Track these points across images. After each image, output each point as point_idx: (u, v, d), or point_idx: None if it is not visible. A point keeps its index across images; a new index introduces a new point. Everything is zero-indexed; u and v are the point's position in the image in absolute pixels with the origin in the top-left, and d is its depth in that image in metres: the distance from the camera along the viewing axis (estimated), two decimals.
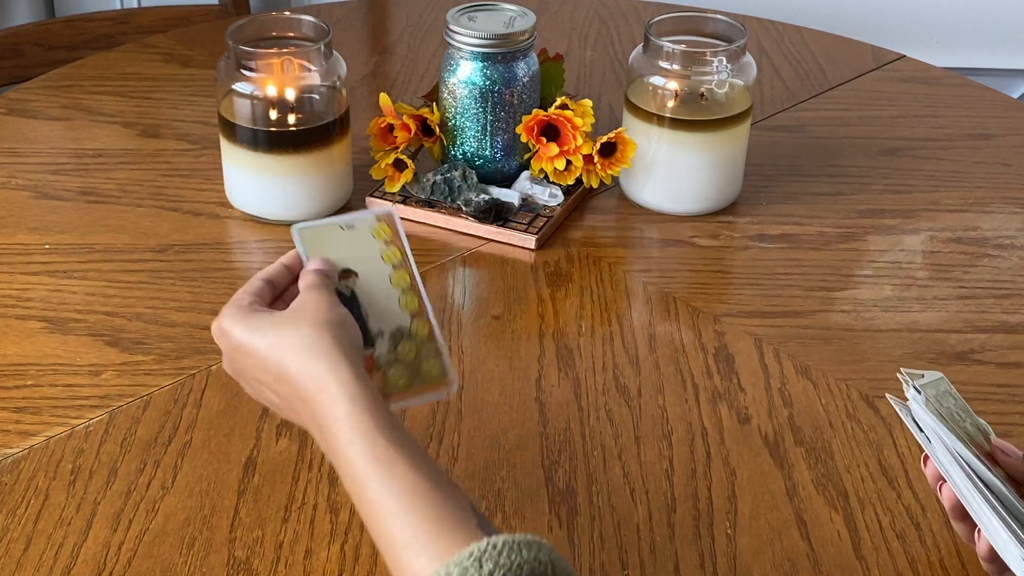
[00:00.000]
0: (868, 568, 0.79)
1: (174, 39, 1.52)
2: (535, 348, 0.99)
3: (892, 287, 1.08)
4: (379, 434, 0.66)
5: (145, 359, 0.96)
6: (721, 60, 1.12)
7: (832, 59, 1.51)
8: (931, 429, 0.74)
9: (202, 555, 0.78)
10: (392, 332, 0.77)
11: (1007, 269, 1.10)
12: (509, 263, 1.10)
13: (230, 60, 1.09)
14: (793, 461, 0.87)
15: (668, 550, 0.80)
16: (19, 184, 1.20)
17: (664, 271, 1.10)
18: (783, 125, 1.35)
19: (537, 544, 0.61)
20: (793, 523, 0.82)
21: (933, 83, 1.46)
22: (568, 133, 1.12)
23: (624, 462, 0.87)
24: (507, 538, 0.60)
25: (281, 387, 0.71)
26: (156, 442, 0.88)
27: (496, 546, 0.59)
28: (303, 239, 0.78)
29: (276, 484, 0.84)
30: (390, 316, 0.77)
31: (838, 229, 1.16)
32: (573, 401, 0.93)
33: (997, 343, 1.00)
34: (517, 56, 1.13)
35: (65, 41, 1.67)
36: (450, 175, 1.13)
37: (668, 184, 1.16)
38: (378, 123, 1.15)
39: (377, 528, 0.64)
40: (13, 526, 0.80)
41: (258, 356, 0.71)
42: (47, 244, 1.10)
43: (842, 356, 0.99)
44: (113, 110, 1.34)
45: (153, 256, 1.09)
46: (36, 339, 0.98)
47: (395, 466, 0.64)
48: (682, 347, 0.99)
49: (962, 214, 1.19)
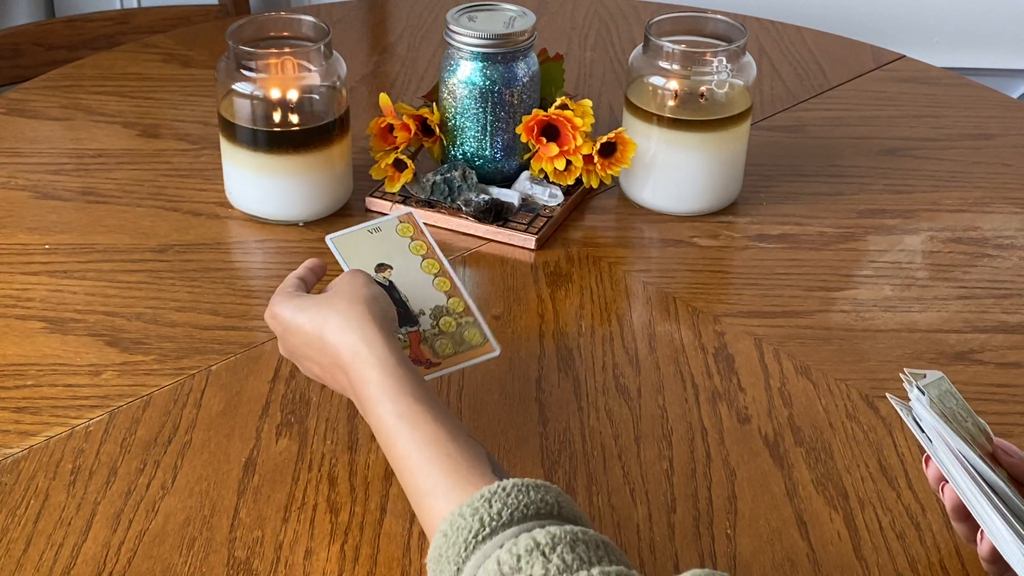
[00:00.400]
0: (868, 568, 0.79)
1: (174, 39, 1.53)
2: (535, 348, 0.99)
3: (892, 287, 1.08)
4: (405, 394, 0.73)
5: (145, 359, 0.96)
6: (721, 60, 1.12)
7: (832, 59, 1.51)
8: (933, 429, 0.74)
9: (202, 555, 0.78)
10: (432, 310, 0.87)
11: (1007, 269, 1.10)
12: (509, 263, 1.10)
13: (230, 60, 1.09)
14: (793, 461, 0.87)
15: (668, 550, 0.80)
16: (19, 184, 1.20)
17: (664, 271, 1.10)
18: (783, 125, 1.35)
19: (544, 487, 0.66)
20: (793, 523, 0.82)
21: (933, 83, 1.46)
22: (568, 133, 1.12)
23: (624, 462, 0.87)
24: (517, 481, 0.66)
25: (323, 358, 0.78)
26: (156, 442, 0.88)
27: (505, 488, 0.65)
28: (336, 245, 0.89)
29: (276, 484, 0.84)
30: (428, 297, 0.88)
31: (838, 229, 1.16)
32: (573, 401, 0.93)
33: (997, 343, 1.00)
34: (517, 56, 1.13)
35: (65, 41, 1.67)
36: (450, 175, 1.13)
37: (668, 184, 1.16)
38: (378, 123, 1.15)
39: (405, 479, 0.71)
40: (13, 526, 0.80)
41: (302, 332, 0.79)
42: (47, 244, 1.10)
43: (842, 356, 0.99)
44: (113, 110, 1.34)
45: (153, 256, 1.09)
46: (36, 339, 0.98)
47: (418, 421, 0.71)
48: (682, 347, 0.99)
49: (962, 214, 1.19)
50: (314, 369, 0.81)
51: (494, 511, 0.64)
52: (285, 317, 0.81)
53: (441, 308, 0.88)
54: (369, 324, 0.76)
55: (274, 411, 0.91)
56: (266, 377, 0.94)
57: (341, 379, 0.78)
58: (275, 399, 0.92)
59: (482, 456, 0.70)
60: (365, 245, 0.90)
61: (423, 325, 0.87)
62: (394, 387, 0.73)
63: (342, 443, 0.88)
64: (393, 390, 0.73)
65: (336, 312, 0.78)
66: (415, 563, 0.78)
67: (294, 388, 0.93)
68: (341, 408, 0.91)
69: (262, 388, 0.93)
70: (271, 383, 0.94)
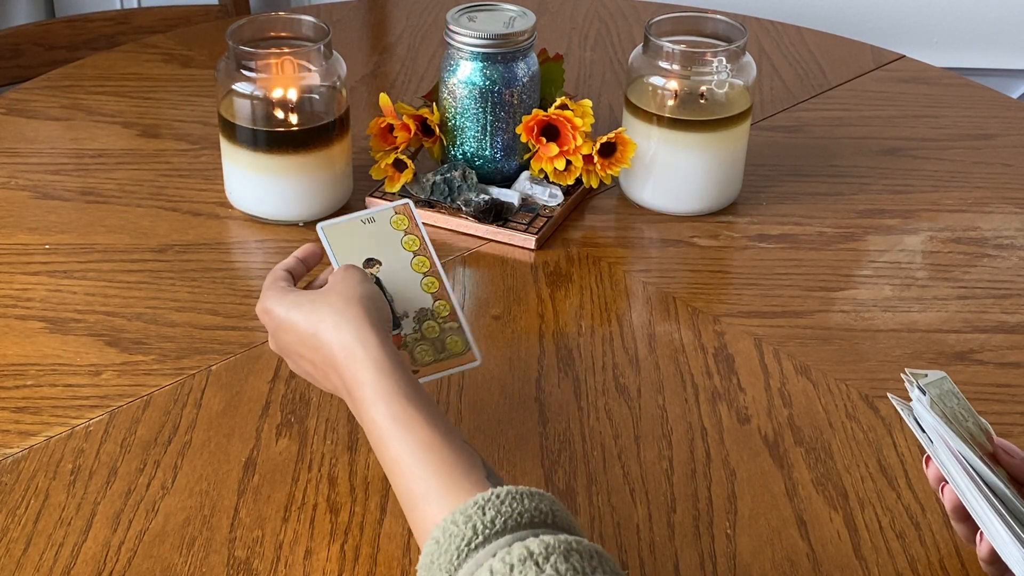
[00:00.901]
0: (868, 568, 0.79)
1: (174, 39, 1.53)
2: (535, 348, 0.99)
3: (892, 287, 1.08)
4: (400, 396, 0.72)
5: (145, 359, 0.96)
6: (721, 60, 1.12)
7: (832, 59, 1.51)
8: (934, 430, 0.74)
9: (202, 555, 0.78)
10: (416, 313, 0.85)
11: (1007, 269, 1.10)
12: (509, 263, 1.10)
13: (230, 60, 1.09)
14: (793, 461, 0.87)
15: (668, 550, 0.80)
16: (19, 184, 1.20)
17: (664, 271, 1.10)
18: (783, 125, 1.35)
19: (539, 495, 0.65)
20: (793, 523, 0.82)
21: (933, 83, 1.46)
22: (568, 133, 1.12)
23: (624, 462, 0.87)
24: (511, 488, 0.65)
25: (316, 356, 0.77)
26: (156, 442, 0.88)
27: (499, 495, 0.64)
28: (327, 236, 0.86)
29: (276, 484, 0.84)
30: (414, 298, 0.85)
31: (838, 229, 1.16)
32: (573, 401, 0.93)
33: (997, 343, 1.00)
34: (517, 56, 1.13)
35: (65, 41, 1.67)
36: (450, 175, 1.13)
37: (668, 184, 1.16)
38: (378, 123, 1.15)
39: (397, 483, 0.70)
40: (13, 526, 0.80)
41: (295, 329, 0.78)
42: (47, 244, 1.10)
43: (842, 356, 0.99)
44: (113, 110, 1.34)
45: (153, 256, 1.09)
46: (36, 339, 0.98)
47: (412, 425, 0.70)
48: (682, 347, 0.99)
49: (962, 214, 1.19)
50: (306, 367, 0.80)
51: (487, 518, 0.63)
52: (278, 313, 0.80)
53: (426, 311, 0.85)
54: (364, 324, 0.75)
55: (274, 411, 0.91)
56: (266, 377, 0.94)
57: (334, 378, 0.77)
58: (275, 399, 0.92)
59: (476, 462, 0.69)
60: (356, 237, 0.87)
61: (405, 329, 0.84)
62: (388, 389, 0.72)
63: (342, 443, 0.88)
64: (387, 392, 0.72)
65: (331, 310, 0.77)
66: (415, 563, 0.78)
67: (294, 388, 0.93)
68: (341, 408, 0.91)
69: (262, 388, 0.93)
70: (271, 383, 0.94)
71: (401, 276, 0.86)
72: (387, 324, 0.78)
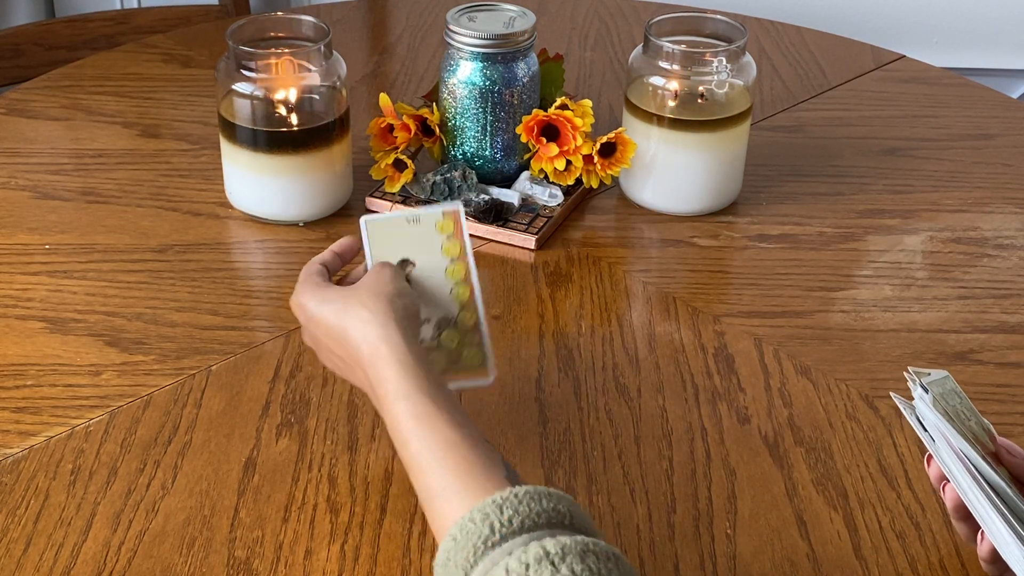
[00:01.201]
0: (868, 568, 0.79)
1: (174, 39, 1.53)
2: (535, 348, 0.99)
3: (892, 287, 1.08)
4: (422, 394, 0.72)
5: (145, 359, 0.96)
6: (721, 60, 1.12)
7: (832, 59, 1.51)
8: (936, 428, 0.74)
9: (202, 555, 0.78)
10: (439, 320, 0.84)
11: (1007, 269, 1.10)
12: (509, 263, 1.10)
13: (230, 60, 1.09)
14: (793, 461, 0.87)
15: (668, 550, 0.80)
16: (19, 184, 1.20)
17: (664, 271, 1.10)
18: (783, 125, 1.35)
19: (558, 495, 0.65)
20: (793, 523, 0.82)
21: (933, 83, 1.46)
22: (568, 133, 1.12)
23: (624, 462, 0.87)
24: (530, 488, 0.65)
25: (344, 351, 0.78)
26: (156, 442, 0.88)
27: (518, 495, 0.65)
28: (368, 231, 0.85)
29: (276, 484, 0.84)
30: (440, 304, 0.84)
31: (837, 229, 1.16)
32: (573, 401, 0.93)
33: (997, 343, 1.00)
34: (517, 56, 1.13)
35: (65, 41, 1.67)
36: (450, 175, 1.13)
37: (668, 184, 1.16)
38: (378, 123, 1.15)
39: (417, 480, 0.70)
40: (13, 526, 0.80)
41: (325, 324, 0.79)
42: (47, 244, 1.10)
43: (842, 356, 0.99)
44: (113, 110, 1.34)
45: (153, 256, 1.09)
46: (36, 339, 0.98)
47: (434, 423, 0.71)
48: (682, 347, 0.99)
49: (962, 214, 1.19)
50: (336, 361, 0.81)
51: (505, 517, 0.63)
52: (310, 308, 0.81)
53: (449, 320, 0.84)
54: (391, 321, 0.76)
55: (274, 411, 0.91)
56: (266, 377, 0.94)
57: (359, 374, 0.77)
58: (275, 399, 0.92)
59: (496, 461, 0.69)
60: (397, 235, 0.86)
61: (423, 334, 0.83)
62: (412, 387, 0.73)
63: (342, 443, 0.88)
64: (410, 390, 0.73)
65: (360, 306, 0.77)
66: (415, 563, 0.78)
67: (294, 388, 0.93)
68: (341, 408, 0.91)
69: (262, 388, 0.93)
70: (271, 383, 0.94)
71: (432, 281, 0.85)
72: (415, 321, 0.79)
